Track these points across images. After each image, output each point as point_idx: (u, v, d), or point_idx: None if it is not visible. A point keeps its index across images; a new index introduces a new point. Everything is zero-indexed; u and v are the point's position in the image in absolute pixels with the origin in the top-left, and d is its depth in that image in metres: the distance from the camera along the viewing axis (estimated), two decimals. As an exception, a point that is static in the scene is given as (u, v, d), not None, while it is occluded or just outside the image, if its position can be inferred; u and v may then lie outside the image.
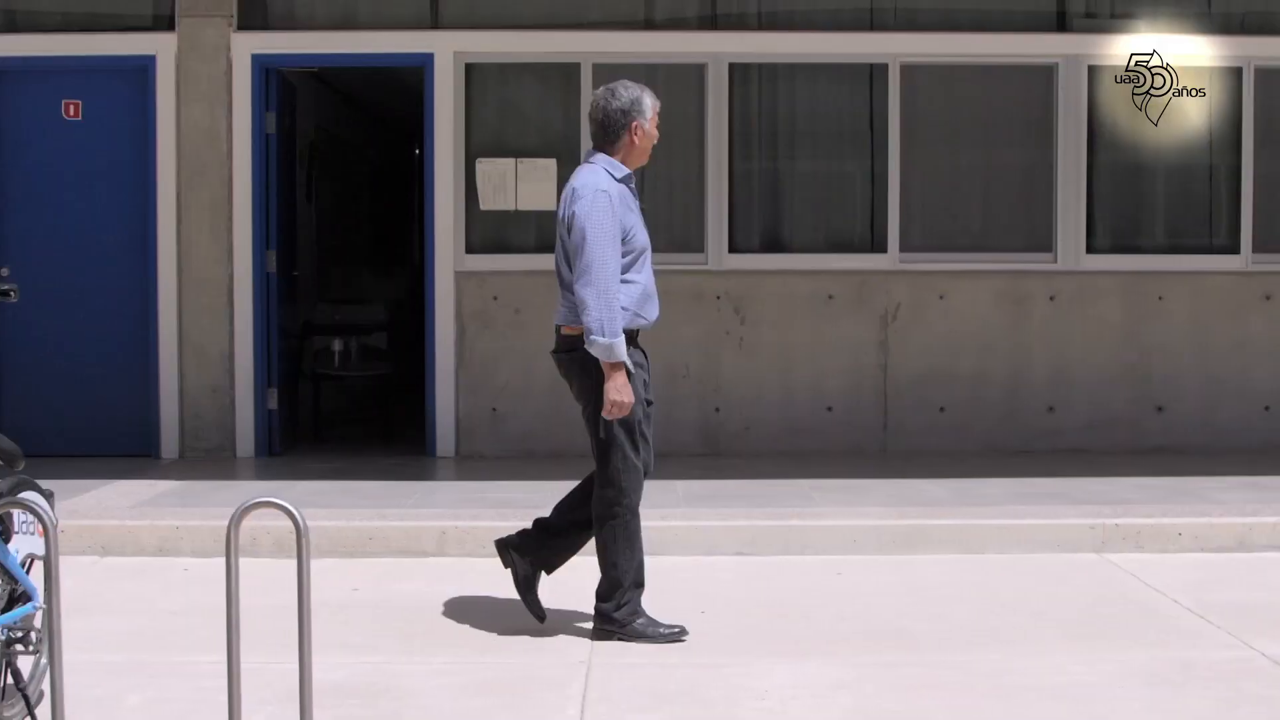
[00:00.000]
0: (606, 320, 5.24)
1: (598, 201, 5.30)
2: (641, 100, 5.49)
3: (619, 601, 5.49)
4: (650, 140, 5.52)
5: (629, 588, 5.51)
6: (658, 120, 5.55)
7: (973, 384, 9.26)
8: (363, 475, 8.49)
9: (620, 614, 5.49)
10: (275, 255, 9.26)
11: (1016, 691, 4.88)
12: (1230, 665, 5.17)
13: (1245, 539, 7.05)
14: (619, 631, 5.48)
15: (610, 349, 5.26)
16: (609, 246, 5.28)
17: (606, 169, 5.45)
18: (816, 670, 5.12)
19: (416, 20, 9.16)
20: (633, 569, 5.52)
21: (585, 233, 5.28)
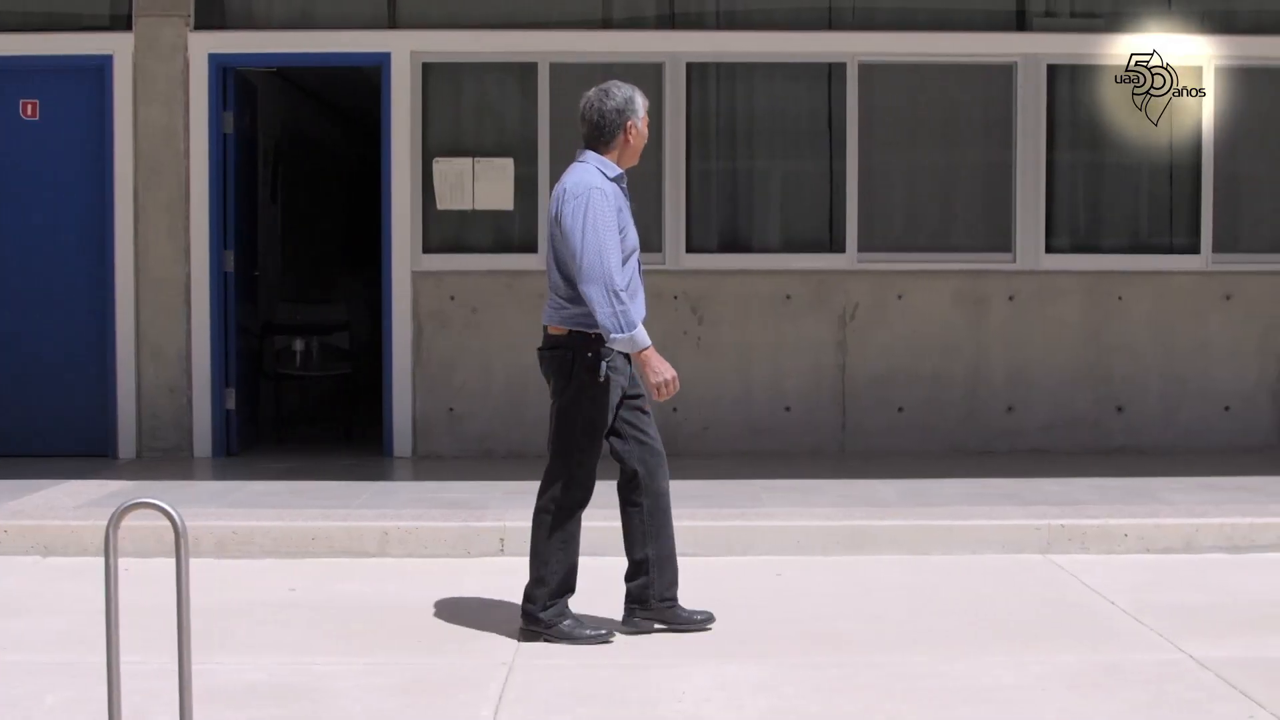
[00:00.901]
0: (619, 313, 5.25)
1: (593, 199, 5.29)
2: (634, 99, 5.49)
3: (545, 602, 5.47)
4: (642, 140, 5.52)
5: (557, 589, 5.49)
6: (648, 119, 5.54)
7: (932, 384, 9.24)
8: (316, 475, 8.47)
9: (547, 614, 5.46)
10: (233, 255, 9.23)
11: (938, 694, 4.86)
12: (1157, 668, 5.15)
13: (1192, 540, 7.02)
14: (545, 632, 5.45)
15: (632, 341, 5.29)
16: (608, 243, 5.27)
17: (599, 168, 5.43)
18: (740, 672, 5.10)
19: (373, 20, 9.14)
20: (563, 570, 5.50)
21: (584, 231, 5.26)
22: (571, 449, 5.46)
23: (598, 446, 5.48)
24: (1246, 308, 9.31)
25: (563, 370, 5.44)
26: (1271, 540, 7.03)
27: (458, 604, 6.12)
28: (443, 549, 6.95)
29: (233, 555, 6.94)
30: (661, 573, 5.61)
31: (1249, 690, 4.85)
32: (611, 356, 5.41)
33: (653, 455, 5.62)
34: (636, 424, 5.58)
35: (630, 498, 5.64)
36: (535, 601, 5.48)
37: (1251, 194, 9.47)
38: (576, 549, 5.55)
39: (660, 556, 5.62)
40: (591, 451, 5.47)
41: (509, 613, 5.91)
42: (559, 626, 5.45)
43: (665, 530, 5.65)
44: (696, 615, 5.63)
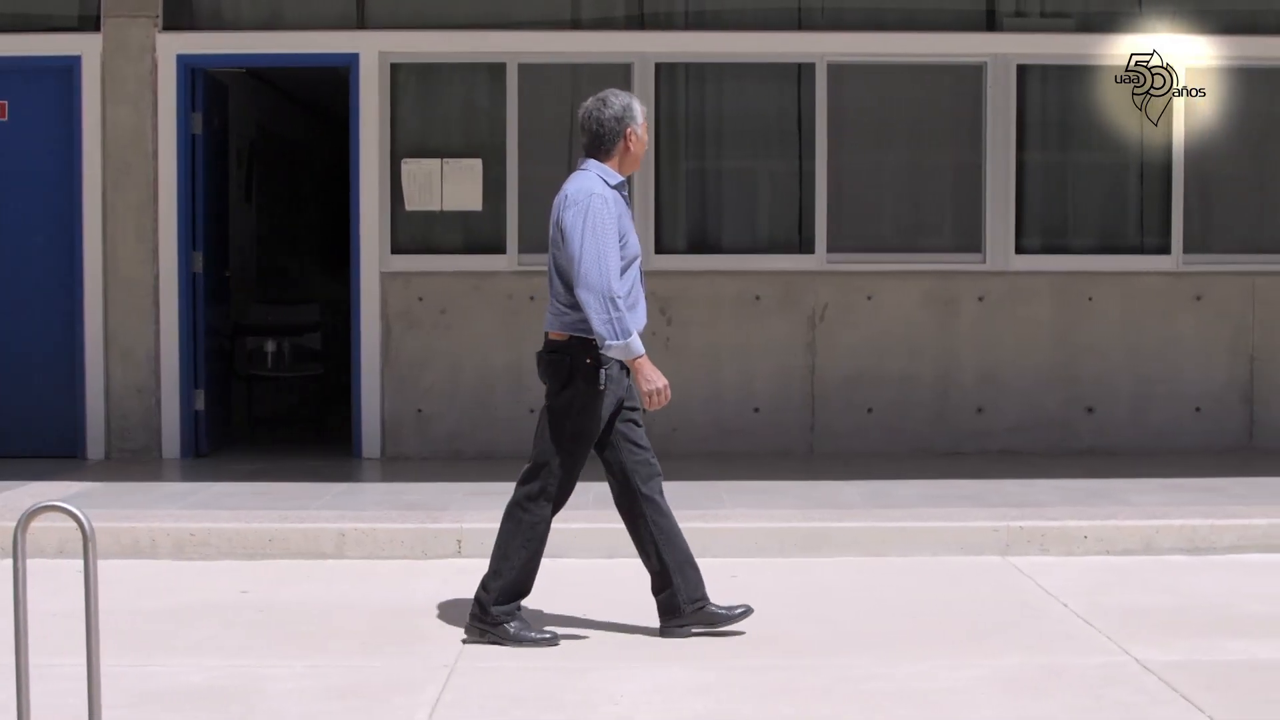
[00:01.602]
0: (615, 320, 5.24)
1: (593, 205, 5.28)
2: (632, 106, 5.49)
3: (498, 595, 5.46)
4: (643, 146, 5.51)
5: (511, 585, 5.47)
6: (647, 125, 5.53)
7: (901, 385, 9.22)
8: (282, 477, 8.46)
9: (497, 610, 5.45)
10: (202, 256, 9.22)
11: (876, 697, 4.84)
12: (1100, 671, 5.13)
13: (1151, 541, 7.00)
14: (491, 630, 5.44)
15: (627, 348, 5.27)
16: (608, 249, 5.26)
17: (600, 175, 5.42)
18: (681, 675, 5.08)
19: (342, 20, 9.13)
20: (522, 568, 5.48)
21: (583, 238, 5.26)
22: (557, 452, 5.45)
23: (583, 454, 5.47)
24: (1217, 308, 9.29)
25: (559, 374, 5.41)
26: (1231, 542, 7.01)
27: (408, 606, 6.11)
28: (400, 550, 6.94)
29: (190, 557, 6.93)
30: (685, 577, 5.58)
31: (1190, 694, 4.83)
32: (610, 365, 5.39)
33: (645, 466, 5.61)
34: (630, 436, 5.57)
35: (632, 511, 5.62)
36: (489, 592, 5.47)
37: (1222, 194, 9.45)
38: (541, 551, 5.55)
39: (679, 562, 5.59)
40: (577, 457, 5.46)
41: (458, 614, 5.90)
42: (505, 625, 5.44)
43: (675, 535, 5.63)
44: (736, 610, 5.59)
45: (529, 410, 9.13)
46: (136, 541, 6.93)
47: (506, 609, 5.47)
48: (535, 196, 9.23)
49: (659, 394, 5.32)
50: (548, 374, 5.49)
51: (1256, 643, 5.47)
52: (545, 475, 5.47)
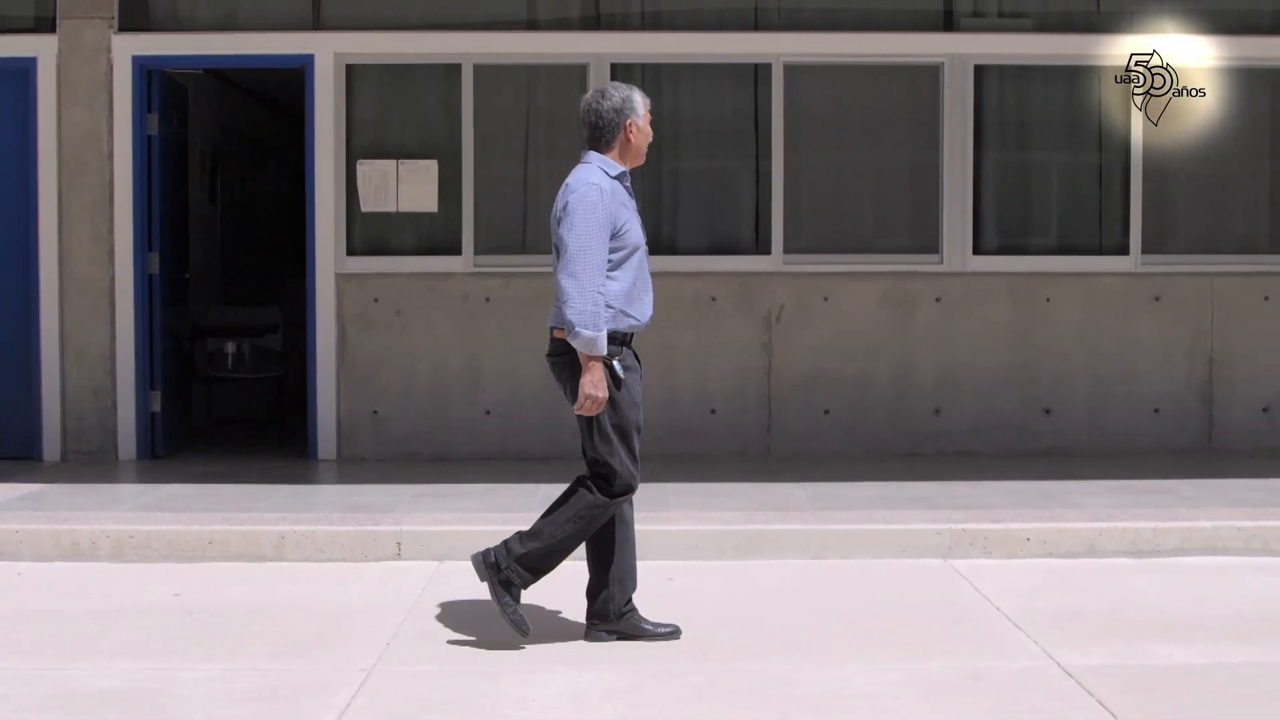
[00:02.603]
0: (589, 313, 5.19)
1: (588, 194, 5.25)
2: (631, 99, 5.45)
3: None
4: (645, 137, 5.48)
5: (542, 568, 5.49)
6: (650, 117, 5.49)
7: (858, 386, 9.19)
8: (234, 479, 8.44)
9: (509, 571, 5.43)
10: (158, 257, 9.21)
11: (789, 701, 4.82)
12: (1020, 675, 5.10)
13: (1095, 544, 6.97)
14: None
15: (592, 342, 5.21)
16: (595, 238, 5.22)
17: (600, 166, 5.39)
18: (597, 679, 5.06)
19: (297, 21, 9.11)
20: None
21: (572, 225, 5.23)
22: (607, 452, 5.41)
23: (631, 441, 5.43)
24: (1176, 309, 9.26)
25: (577, 374, 5.33)
26: (1175, 544, 6.98)
27: (339, 608, 6.09)
28: (339, 553, 6.92)
29: (129, 559, 6.92)
30: (623, 587, 5.59)
31: (1106, 699, 4.80)
32: (623, 354, 5.37)
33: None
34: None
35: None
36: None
37: (1181, 195, 9.42)
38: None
39: (623, 571, 5.61)
40: (626, 448, 5.42)
41: (388, 616, 5.91)
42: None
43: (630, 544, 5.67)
44: (662, 629, 5.59)
45: (485, 412, 9.15)
46: (76, 544, 6.92)
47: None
48: (491, 197, 9.23)
49: (594, 402, 5.26)
50: (565, 376, 5.43)
51: (1182, 647, 5.44)
52: (607, 477, 5.44)
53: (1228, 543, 7.00)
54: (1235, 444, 9.28)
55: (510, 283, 9.11)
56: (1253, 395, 9.30)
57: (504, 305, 9.10)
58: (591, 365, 5.24)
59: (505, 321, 9.10)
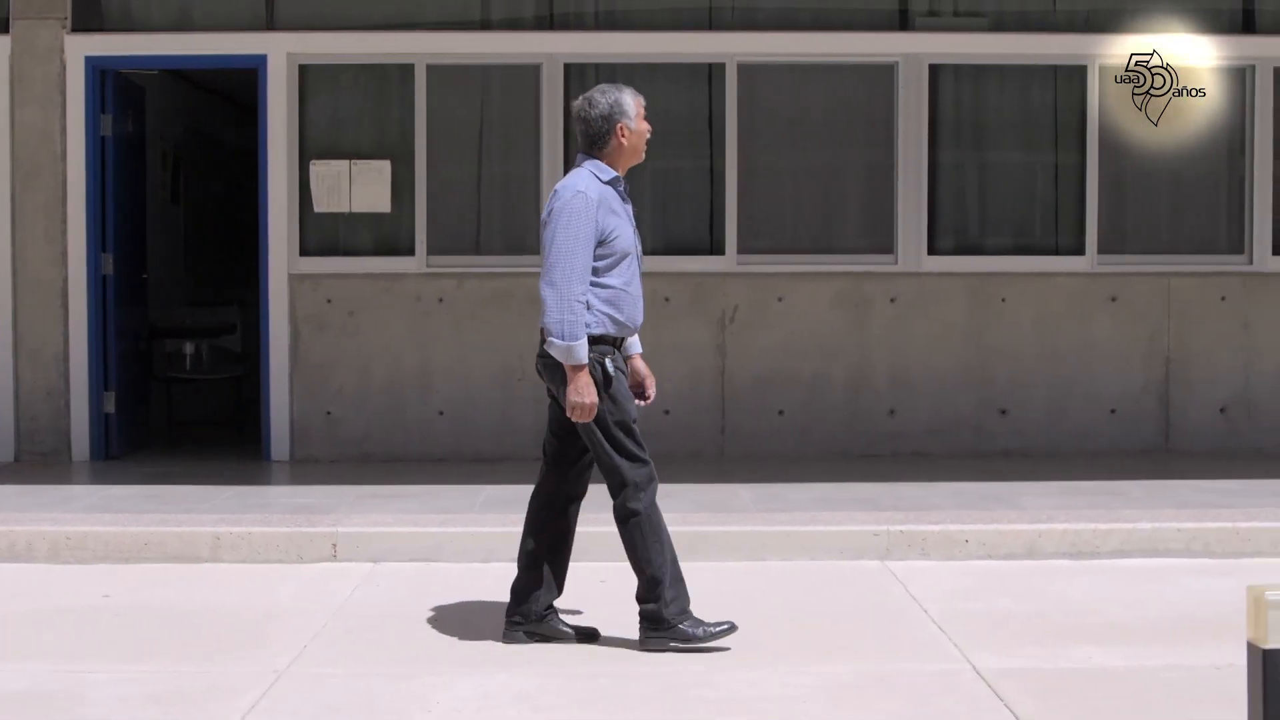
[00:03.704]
0: (567, 322, 5.18)
1: (573, 203, 5.24)
2: (621, 101, 5.42)
3: (665, 598, 5.41)
4: (640, 137, 5.45)
5: (669, 583, 5.43)
6: (644, 114, 5.47)
7: (812, 387, 9.17)
8: (183, 480, 8.43)
9: (669, 612, 5.39)
10: (112, 258, 9.20)
11: (696, 704, 4.80)
12: (933, 678, 5.08)
13: (1034, 546, 6.94)
14: (669, 635, 5.38)
15: (569, 351, 5.20)
16: (576, 248, 5.20)
17: (592, 171, 5.37)
18: (509, 681, 5.04)
19: (251, 22, 9.10)
20: (666, 563, 5.45)
21: (555, 233, 5.22)
22: (613, 451, 5.40)
23: (635, 436, 5.42)
24: (1133, 309, 9.23)
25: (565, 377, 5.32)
26: (1116, 546, 6.95)
27: (266, 610, 6.07)
28: (275, 554, 6.91)
29: (66, 560, 6.90)
30: (549, 589, 5.61)
31: (1015, 703, 4.78)
32: (614, 354, 5.35)
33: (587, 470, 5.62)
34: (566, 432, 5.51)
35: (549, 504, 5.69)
36: (656, 600, 5.41)
37: (1137, 195, 9.38)
38: (668, 535, 5.51)
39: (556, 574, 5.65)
40: (632, 443, 5.41)
41: (314, 618, 5.89)
42: (680, 627, 5.38)
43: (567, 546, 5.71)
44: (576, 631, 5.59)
45: (438, 413, 9.13)
46: (13, 545, 6.91)
47: (678, 605, 5.43)
48: (444, 198, 9.22)
49: (584, 409, 5.24)
50: (555, 379, 5.39)
51: (1104, 650, 5.41)
52: (620, 477, 5.42)
53: (1169, 544, 6.97)
54: (1193, 445, 9.25)
55: (464, 283, 9.10)
56: (1210, 396, 9.26)
57: (457, 306, 9.09)
58: (574, 373, 5.23)
59: (459, 322, 9.09)
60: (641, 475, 5.44)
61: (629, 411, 5.41)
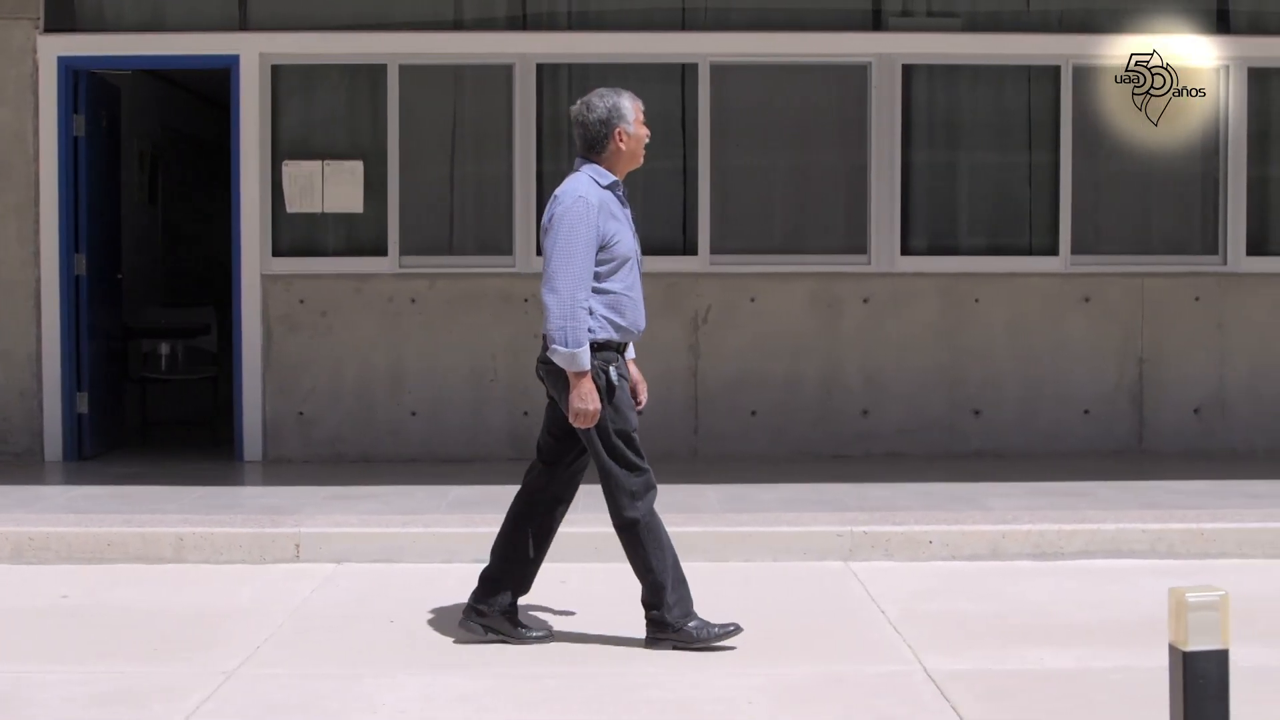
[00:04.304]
0: (570, 329, 5.17)
1: (574, 208, 5.24)
2: (619, 105, 5.43)
3: (668, 603, 5.41)
4: (639, 141, 5.46)
5: (673, 586, 5.43)
6: (643, 118, 5.47)
7: (785, 388, 9.15)
8: (153, 480, 8.42)
9: (673, 616, 5.41)
10: (85, 258, 9.19)
11: (642, 706, 4.80)
12: (882, 679, 5.07)
13: (998, 547, 6.93)
14: (675, 637, 5.39)
15: (572, 358, 5.20)
16: (578, 254, 5.20)
17: (592, 176, 5.38)
18: (453, 682, 5.04)
19: (223, 22, 9.09)
20: (668, 568, 5.45)
21: (556, 239, 5.22)
22: (613, 458, 5.40)
23: (635, 445, 5.43)
24: (1106, 310, 9.21)
25: (567, 383, 5.31)
26: (1079, 547, 6.94)
27: (224, 610, 6.07)
28: (238, 555, 6.90)
29: (29, 561, 6.90)
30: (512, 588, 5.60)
31: (960, 704, 4.77)
32: (618, 362, 5.36)
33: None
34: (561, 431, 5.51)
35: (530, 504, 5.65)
36: (660, 606, 5.42)
37: (1111, 195, 9.37)
38: (668, 542, 5.51)
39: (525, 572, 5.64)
40: (632, 450, 5.42)
41: (271, 618, 5.89)
42: (686, 628, 5.39)
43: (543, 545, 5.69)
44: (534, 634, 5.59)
45: (410, 413, 9.12)
46: (-25, 546, 6.91)
47: (682, 608, 5.43)
48: (417, 198, 9.21)
49: (587, 415, 5.25)
50: (559, 386, 5.39)
51: (1055, 651, 5.40)
52: (622, 482, 5.42)
53: (1133, 545, 6.96)
54: (1166, 446, 9.23)
55: (436, 284, 9.09)
56: (1183, 397, 9.25)
57: (429, 306, 9.08)
58: (577, 380, 5.22)
59: (431, 323, 9.08)
60: (639, 484, 5.45)
61: (630, 420, 5.41)
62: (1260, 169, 9.35)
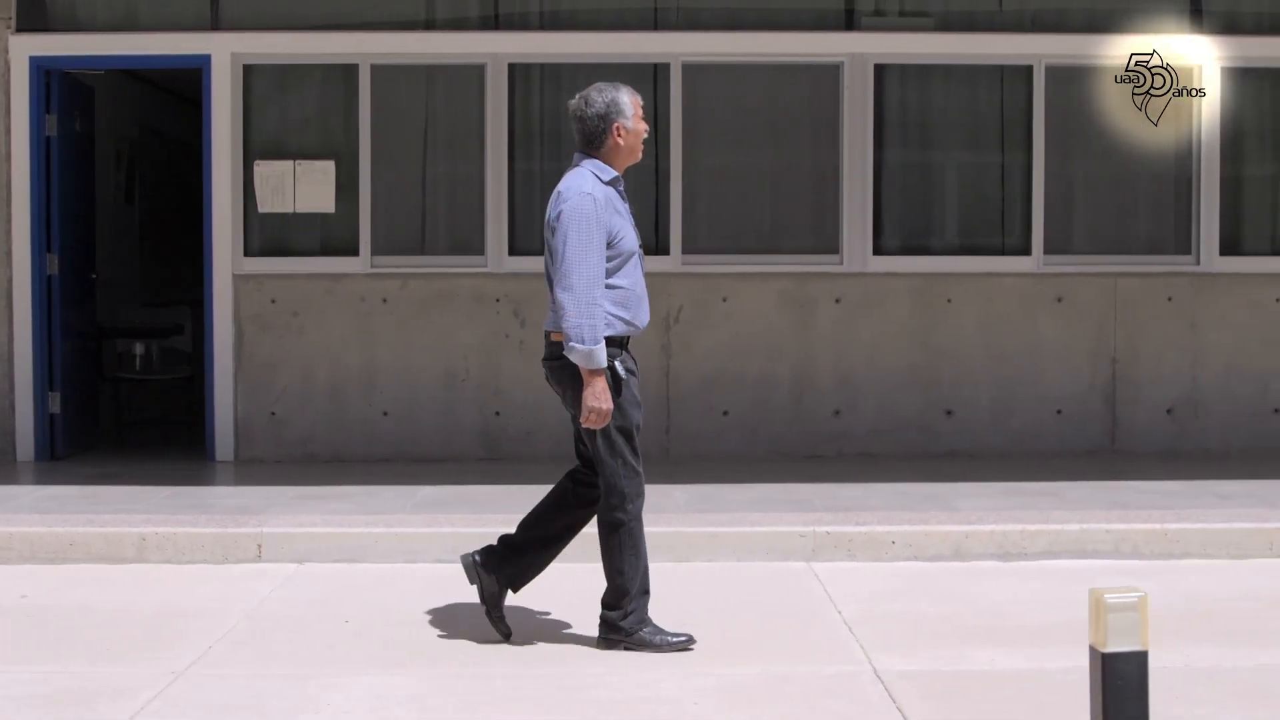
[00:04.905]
0: (586, 327, 5.15)
1: (581, 205, 5.21)
2: (618, 100, 5.40)
3: (625, 610, 5.41)
4: (637, 136, 5.43)
5: (636, 595, 5.43)
6: (641, 113, 5.45)
7: (757, 388, 9.14)
8: (123, 480, 8.41)
9: (627, 623, 5.40)
10: (57, 258, 9.19)
11: (589, 706, 4.79)
12: (831, 681, 5.07)
13: (961, 547, 6.93)
14: (625, 640, 5.40)
15: (590, 355, 5.18)
16: (591, 251, 5.19)
17: (594, 172, 5.36)
18: (402, 682, 5.03)
19: (196, 22, 9.08)
20: (639, 576, 5.44)
21: (566, 236, 5.19)
22: (612, 456, 5.39)
23: (635, 445, 5.42)
24: (1079, 310, 9.20)
25: (576, 379, 5.30)
26: (1043, 547, 6.93)
27: (182, 610, 6.07)
28: (200, 554, 6.90)
29: (-3, 561, 6.91)
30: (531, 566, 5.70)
31: (906, 705, 4.77)
32: (622, 355, 5.34)
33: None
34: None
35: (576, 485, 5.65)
36: (617, 609, 5.42)
37: (1084, 195, 9.35)
38: (645, 551, 5.49)
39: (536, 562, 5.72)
40: (631, 449, 5.41)
41: (229, 618, 5.89)
42: (639, 634, 5.40)
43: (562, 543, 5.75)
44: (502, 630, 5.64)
45: (382, 413, 9.12)
46: (-62, 546, 6.91)
47: (637, 617, 5.42)
48: (389, 198, 9.21)
49: (600, 414, 5.23)
50: (564, 381, 5.39)
51: (1008, 652, 5.40)
52: (616, 481, 5.40)
53: (1097, 545, 6.96)
54: (1139, 446, 9.22)
55: (408, 284, 9.09)
56: (1157, 397, 9.24)
57: (401, 306, 9.08)
58: (592, 378, 5.20)
59: (403, 322, 9.08)
60: (633, 487, 5.43)
61: (633, 418, 5.40)
62: (1234, 169, 9.34)
